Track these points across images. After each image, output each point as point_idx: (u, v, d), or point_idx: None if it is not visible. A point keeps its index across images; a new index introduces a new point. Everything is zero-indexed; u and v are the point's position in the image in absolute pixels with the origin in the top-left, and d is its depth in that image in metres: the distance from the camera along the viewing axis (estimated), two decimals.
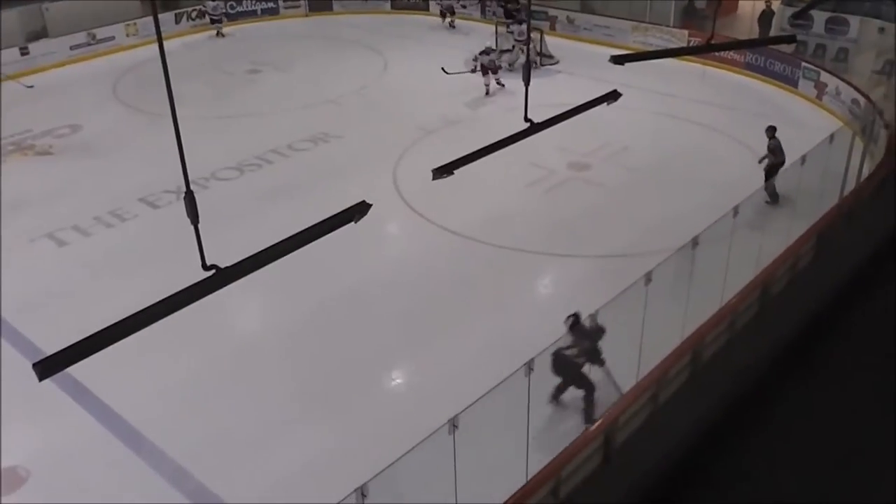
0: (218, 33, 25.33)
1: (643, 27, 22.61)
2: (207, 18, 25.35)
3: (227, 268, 4.65)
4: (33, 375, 9.58)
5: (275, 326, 11.37)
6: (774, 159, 13.74)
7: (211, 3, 24.63)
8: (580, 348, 8.62)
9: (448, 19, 25.87)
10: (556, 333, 8.23)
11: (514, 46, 21.46)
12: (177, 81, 4.88)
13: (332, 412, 9.54)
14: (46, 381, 4.44)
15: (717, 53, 19.01)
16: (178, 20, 25.33)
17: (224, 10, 25.30)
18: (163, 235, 13.34)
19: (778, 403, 2.97)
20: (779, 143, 13.76)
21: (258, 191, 15.09)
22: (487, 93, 19.43)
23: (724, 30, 21.09)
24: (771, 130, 13.91)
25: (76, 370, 4.76)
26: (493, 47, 20.60)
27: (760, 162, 13.91)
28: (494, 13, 25.35)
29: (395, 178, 15.38)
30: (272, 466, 8.72)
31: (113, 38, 24.21)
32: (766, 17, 21.56)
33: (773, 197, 13.41)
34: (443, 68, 20.01)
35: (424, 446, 6.48)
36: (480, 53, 19.71)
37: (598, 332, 8.64)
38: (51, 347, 10.72)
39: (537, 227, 13.54)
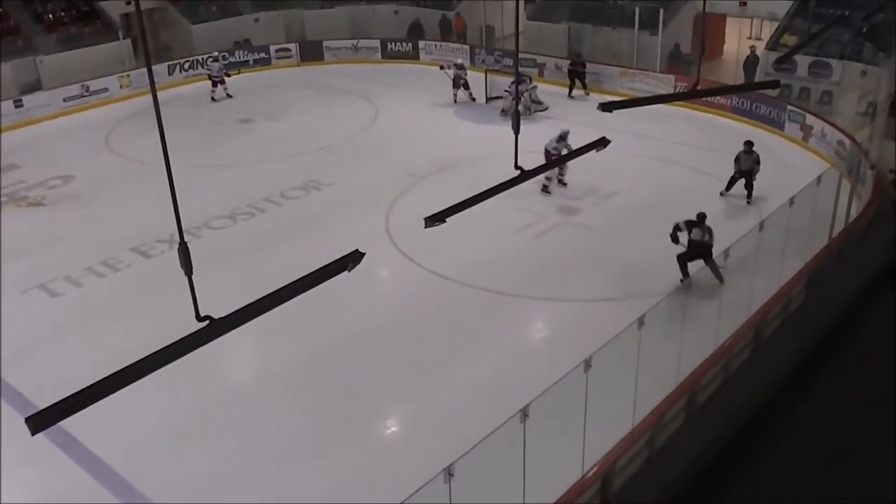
0: (214, 96, 24.47)
1: (630, 73, 22.95)
2: (209, 79, 24.65)
3: (220, 319, 4.64)
4: (21, 425, 9.54)
5: (266, 372, 11.30)
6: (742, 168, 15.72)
7: (215, 66, 24.61)
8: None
9: (467, 92, 23.22)
10: (545, 377, 8.19)
11: (506, 92, 21.77)
12: (170, 131, 4.95)
13: (324, 459, 9.45)
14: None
15: (703, 98, 19.29)
16: (171, 71, 25.56)
17: (225, 72, 24.81)
18: (155, 285, 13.31)
19: (773, 444, 2.98)
20: (756, 156, 15.55)
21: (251, 239, 15.12)
22: (455, 100, 21.92)
23: (710, 74, 21.48)
24: (748, 144, 15.82)
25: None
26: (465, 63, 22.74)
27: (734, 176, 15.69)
28: (484, 61, 25.70)
29: (388, 223, 15.44)
30: None
31: (106, 89, 24.41)
32: (750, 62, 21.95)
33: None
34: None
35: (419, 496, 6.41)
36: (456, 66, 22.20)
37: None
38: (41, 398, 10.67)
39: (528, 272, 13.58)
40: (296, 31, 29.52)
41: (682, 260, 12.60)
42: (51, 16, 26.27)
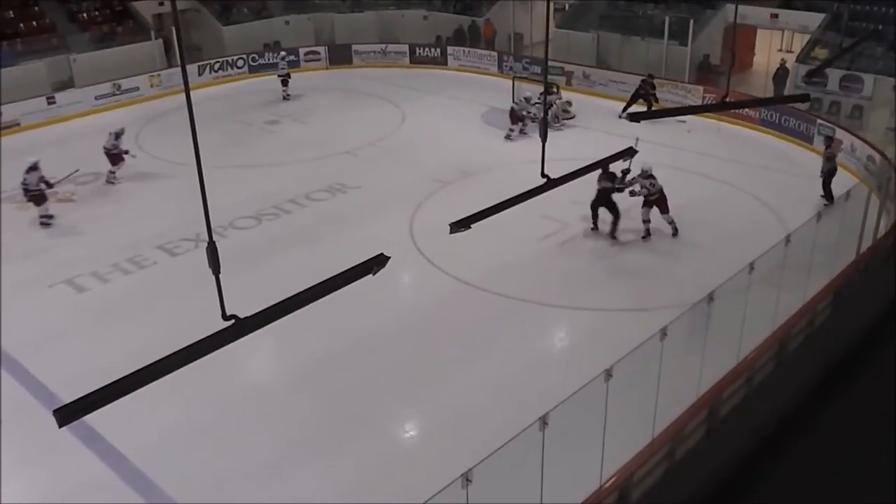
0: (287, 93, 24.90)
1: (658, 83, 22.87)
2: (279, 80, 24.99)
3: (246, 318, 4.69)
4: (44, 417, 9.67)
5: (284, 372, 11.38)
6: (829, 165, 16.01)
7: (283, 71, 24.91)
8: None
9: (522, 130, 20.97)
10: (565, 386, 8.18)
11: (536, 105, 21.79)
12: (198, 131, 5.00)
13: (340, 460, 9.49)
14: (54, 422, 4.45)
15: (732, 110, 19.20)
16: (200, 72, 25.84)
17: (287, 71, 25.13)
18: (180, 283, 13.45)
19: (794, 461, 2.94)
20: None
21: (275, 240, 15.23)
22: (509, 136, 20.23)
23: (739, 86, 21.34)
24: (828, 140, 16.41)
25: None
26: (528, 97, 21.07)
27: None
28: (511, 68, 25.74)
29: (411, 228, 15.49)
30: None
31: (137, 88, 24.73)
32: (780, 75, 21.81)
33: (829, 198, 15.71)
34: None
35: (437, 500, 6.42)
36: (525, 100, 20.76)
37: None
38: (65, 391, 10.82)
39: (550, 279, 13.57)
40: (325, 34, 29.77)
41: (591, 206, 14.40)
42: (85, 15, 26.69)
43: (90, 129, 22.53)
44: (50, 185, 16.33)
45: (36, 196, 16.01)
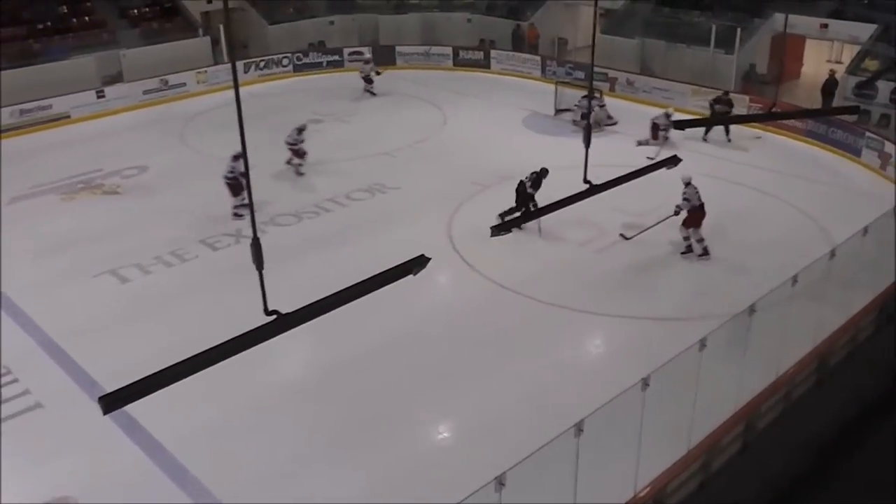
0: (372, 90, 25.18)
1: (703, 91, 22.63)
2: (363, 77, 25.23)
3: (287, 314, 4.75)
4: (87, 402, 9.85)
5: (319, 370, 11.43)
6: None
7: (367, 67, 25.33)
8: None
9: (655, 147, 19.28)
10: (600, 393, 8.13)
11: (575, 107, 21.74)
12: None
13: (372, 459, 9.54)
14: (97, 411, 4.53)
15: (778, 120, 18.95)
16: (246, 69, 26.17)
17: (375, 70, 25.32)
18: (220, 278, 13.65)
19: (835, 482, 2.92)
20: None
21: (315, 238, 15.35)
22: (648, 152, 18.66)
23: (786, 96, 21.07)
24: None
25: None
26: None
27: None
28: (555, 73, 25.66)
29: (449, 230, 15.52)
30: None
31: (184, 84, 25.11)
32: (829, 85, 21.45)
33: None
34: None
35: (470, 501, 6.43)
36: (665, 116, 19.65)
37: None
38: (105, 379, 11.00)
39: (587, 286, 13.50)
40: (369, 35, 29.96)
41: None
42: (135, 11, 27.16)
43: (138, 122, 23.00)
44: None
45: (233, 185, 15.93)
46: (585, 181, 7.57)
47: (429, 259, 5.56)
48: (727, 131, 20.04)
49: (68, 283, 13.69)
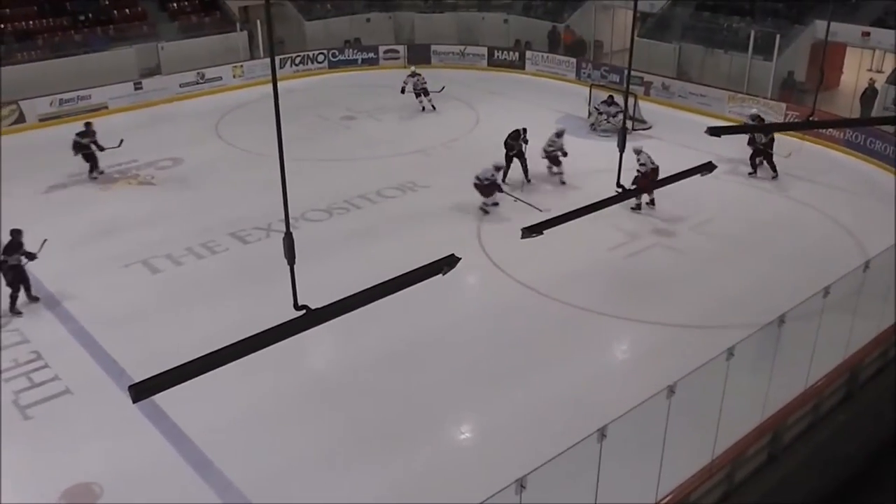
0: (424, 105, 23.47)
1: (739, 98, 22.40)
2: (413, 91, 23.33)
3: (317, 309, 4.78)
4: (115, 390, 9.94)
5: (344, 367, 11.48)
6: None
7: (412, 80, 23.30)
8: None
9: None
10: (625, 399, 8.09)
11: (595, 110, 21.61)
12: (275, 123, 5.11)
13: (394, 458, 9.59)
14: (124, 400, 4.59)
15: (815, 129, 18.68)
16: (282, 65, 26.38)
17: (423, 85, 23.29)
18: (250, 271, 13.77)
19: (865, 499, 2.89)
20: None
21: (345, 234, 15.43)
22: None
23: (824, 105, 20.74)
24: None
25: None
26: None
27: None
28: (590, 75, 25.54)
29: (479, 230, 15.52)
30: None
31: (220, 78, 25.37)
32: (868, 95, 21.12)
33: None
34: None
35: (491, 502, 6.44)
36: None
37: None
38: (134, 368, 11.12)
39: (616, 291, 13.43)
40: (405, 33, 30.03)
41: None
42: (175, 5, 27.48)
43: (174, 115, 23.28)
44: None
45: (488, 187, 16.15)
46: (618, 186, 7.53)
47: (459, 259, 5.56)
48: (773, 169, 18.07)
49: (101, 273, 13.90)
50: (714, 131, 7.56)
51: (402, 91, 23.28)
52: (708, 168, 7.72)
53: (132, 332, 12.09)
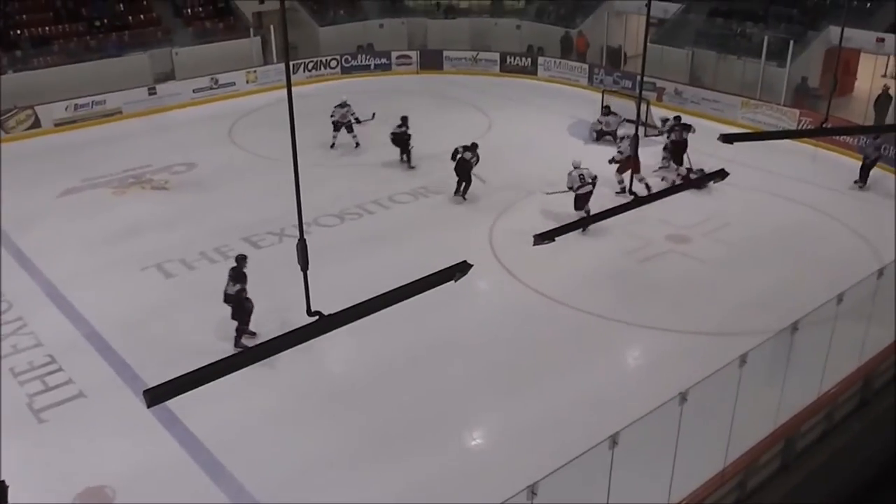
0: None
1: (753, 104, 22.33)
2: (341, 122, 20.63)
3: (330, 315, 4.80)
4: (128, 394, 9.97)
5: (358, 372, 11.50)
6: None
7: (340, 110, 20.60)
8: None
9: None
10: (637, 406, 8.07)
11: (598, 123, 21.50)
12: (288, 128, 5.13)
13: (405, 462, 9.60)
14: (137, 403, 4.63)
15: (829, 136, 18.59)
16: (295, 70, 26.46)
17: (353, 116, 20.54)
18: (263, 276, 13.77)
19: None
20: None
21: (357, 239, 15.46)
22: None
23: (839, 111, 20.64)
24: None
25: None
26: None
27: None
28: (602, 81, 25.52)
29: (491, 236, 15.52)
30: None
31: (234, 83, 25.51)
32: (882, 101, 21.02)
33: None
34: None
35: None
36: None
37: None
38: (147, 373, 11.16)
39: (629, 297, 13.41)
40: (418, 39, 30.09)
41: None
42: (189, 10, 27.66)
43: (188, 120, 23.41)
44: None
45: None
46: (630, 192, 7.54)
47: (471, 265, 5.57)
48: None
49: (114, 276, 13.99)
50: (727, 138, 7.56)
51: (335, 128, 20.41)
52: (720, 175, 7.72)
53: (145, 336, 12.15)
